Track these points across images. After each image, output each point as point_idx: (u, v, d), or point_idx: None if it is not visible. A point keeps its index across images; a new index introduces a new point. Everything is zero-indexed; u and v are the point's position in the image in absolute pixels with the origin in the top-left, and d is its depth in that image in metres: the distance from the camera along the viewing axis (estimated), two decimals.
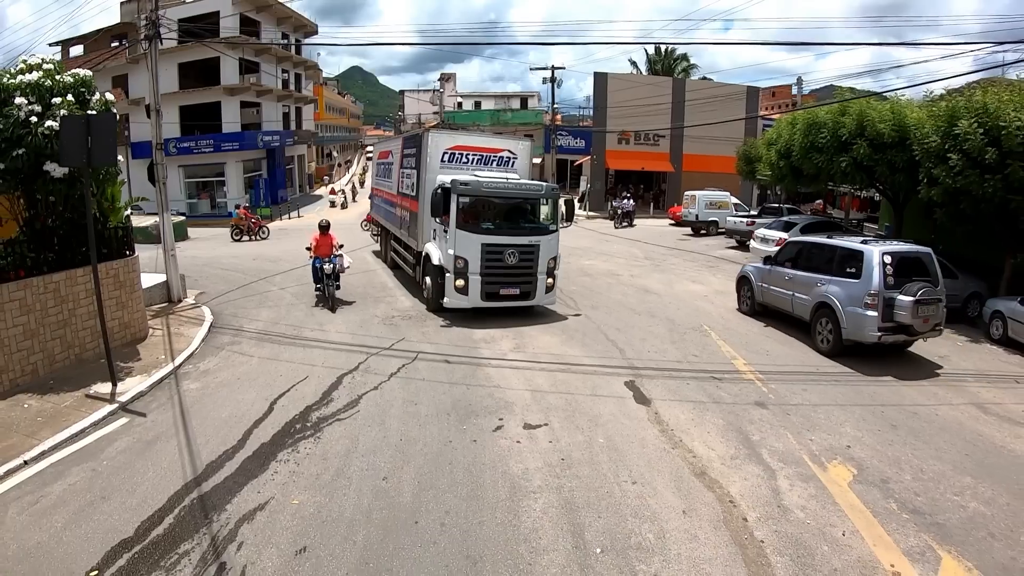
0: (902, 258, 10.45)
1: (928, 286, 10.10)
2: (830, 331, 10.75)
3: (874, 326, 9.99)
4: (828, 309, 10.81)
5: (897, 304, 9.93)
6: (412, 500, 5.39)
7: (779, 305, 12.52)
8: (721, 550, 4.86)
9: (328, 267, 12.72)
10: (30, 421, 7.14)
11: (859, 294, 10.22)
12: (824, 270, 11.28)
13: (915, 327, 10.02)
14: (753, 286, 13.42)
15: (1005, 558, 5.11)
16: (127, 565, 4.59)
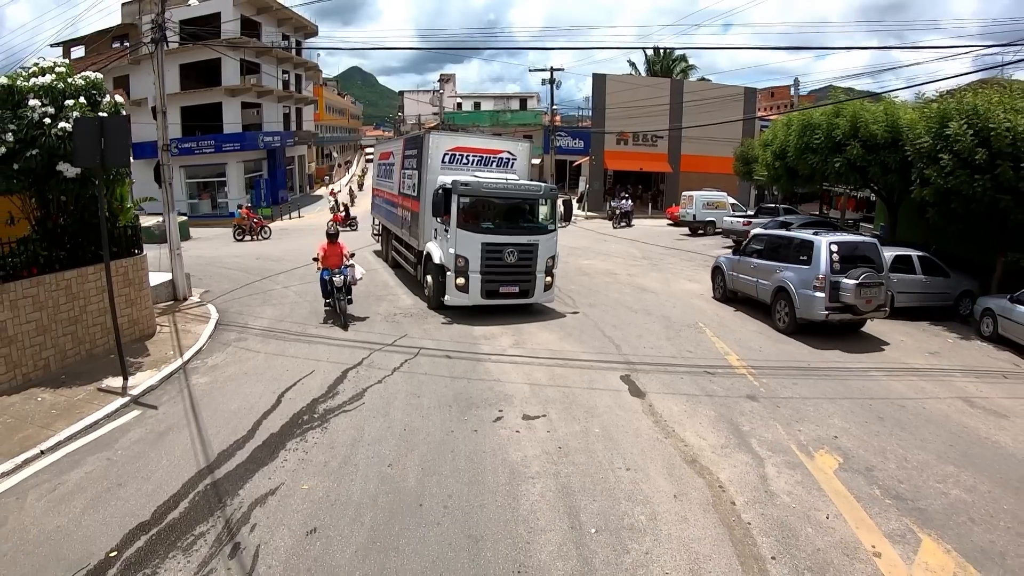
0: (848, 247, 11.85)
1: (871, 271, 11.38)
2: (787, 312, 12.12)
3: (822, 306, 11.31)
4: (785, 292, 12.15)
5: (842, 287, 11.23)
6: (416, 485, 5.65)
7: (746, 291, 13.86)
8: (709, 531, 5.12)
9: (338, 280, 11.39)
10: (44, 413, 7.38)
11: (810, 278, 11.58)
12: (782, 259, 12.65)
13: (859, 307, 11.29)
14: (725, 275, 14.69)
15: (984, 541, 5.36)
16: (145, 546, 4.84)
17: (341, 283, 11.44)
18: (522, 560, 4.65)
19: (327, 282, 11.66)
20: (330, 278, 11.52)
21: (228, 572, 4.47)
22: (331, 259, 11.73)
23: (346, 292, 11.63)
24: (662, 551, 4.82)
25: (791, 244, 12.65)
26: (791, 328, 12.01)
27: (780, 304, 12.34)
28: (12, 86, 8.49)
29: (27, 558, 4.74)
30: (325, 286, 11.81)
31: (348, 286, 11.71)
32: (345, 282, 11.53)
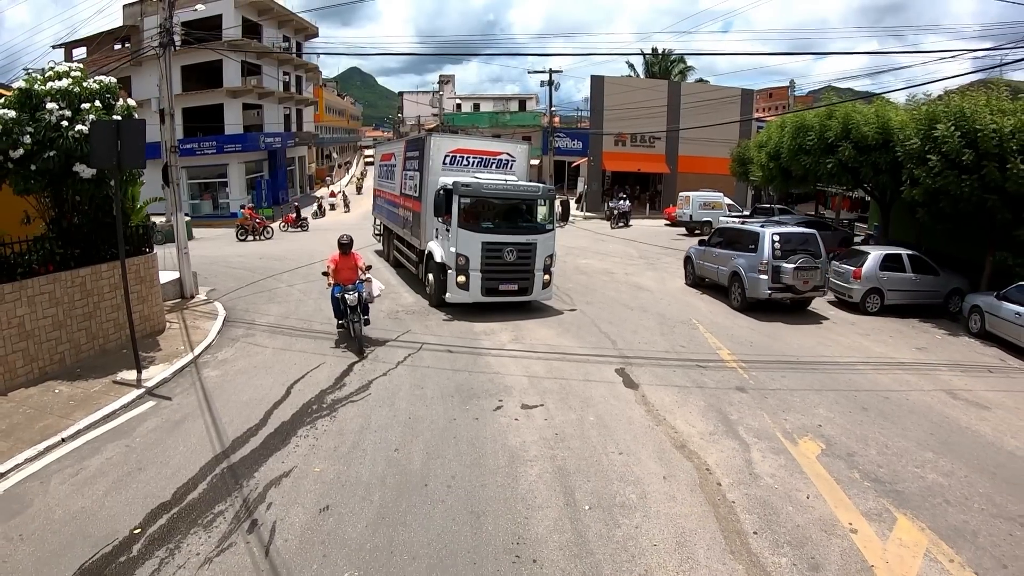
0: (789, 237, 13.84)
1: (808, 257, 13.44)
2: (740, 292, 14.08)
3: (765, 287, 13.35)
4: (738, 276, 14.14)
5: (782, 270, 13.29)
6: (421, 467, 6.00)
7: (710, 276, 15.83)
8: (696, 508, 5.48)
9: (352, 297, 9.84)
10: (63, 404, 7.71)
11: (756, 264, 13.55)
12: (737, 248, 14.59)
13: (797, 287, 13.37)
14: (694, 263, 16.68)
15: (957, 521, 5.70)
16: (168, 523, 5.17)
17: (355, 301, 9.87)
18: (520, 533, 5.00)
19: (339, 300, 10.11)
20: (342, 295, 9.96)
21: (247, 545, 4.80)
22: (343, 273, 10.20)
23: (362, 311, 10.13)
24: (651, 526, 5.17)
25: (743, 235, 14.64)
26: (743, 306, 13.97)
27: (735, 286, 14.32)
28: (30, 90, 8.80)
29: (54, 536, 5.06)
30: (337, 305, 10.27)
31: (364, 304, 10.21)
32: (361, 300, 10.00)
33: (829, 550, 5.00)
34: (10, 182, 8.96)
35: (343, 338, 10.52)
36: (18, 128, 8.50)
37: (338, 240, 10.52)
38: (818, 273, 13.55)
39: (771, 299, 13.45)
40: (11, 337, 8.18)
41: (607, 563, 4.68)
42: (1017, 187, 12.45)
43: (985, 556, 5.14)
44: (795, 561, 4.82)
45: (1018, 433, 7.95)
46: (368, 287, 10.34)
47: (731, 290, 14.46)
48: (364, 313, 10.24)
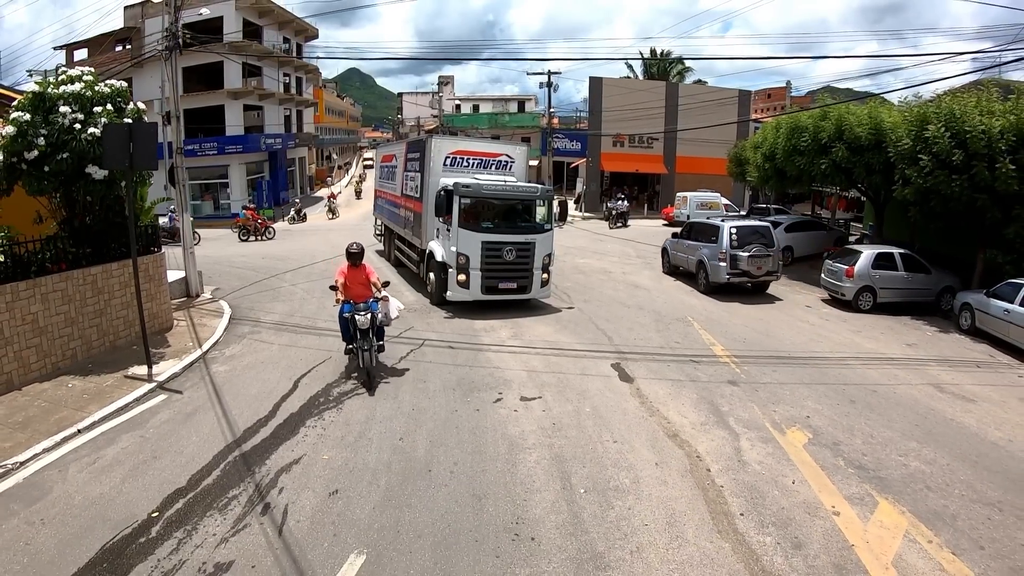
0: (746, 230, 15.91)
1: (761, 247, 15.54)
2: (704, 277, 16.10)
3: (724, 272, 15.44)
4: (702, 264, 16.20)
5: (738, 258, 15.34)
6: (425, 455, 6.28)
7: (682, 264, 17.85)
8: (686, 492, 5.76)
9: (363, 319, 8.24)
10: (76, 398, 7.98)
11: (717, 253, 15.60)
12: (702, 239, 16.61)
13: (752, 272, 15.45)
14: (669, 254, 18.78)
15: (937, 505, 5.98)
16: (184, 507, 5.44)
17: (367, 324, 8.31)
18: (519, 514, 5.29)
19: (348, 321, 8.52)
20: (352, 316, 8.39)
21: (261, 526, 5.08)
22: (354, 288, 8.73)
23: (377, 336, 8.62)
24: (643, 507, 5.46)
25: (707, 228, 16.76)
26: (708, 289, 16.01)
27: (701, 273, 16.33)
28: (43, 93, 9.08)
29: (75, 520, 5.33)
30: (346, 327, 8.62)
31: (379, 328, 8.72)
32: (374, 323, 8.47)
33: (812, 530, 5.28)
34: (23, 183, 9.24)
35: (352, 370, 9.03)
36: (32, 130, 8.79)
37: (346, 249, 8.87)
38: (770, 260, 15.64)
39: (730, 283, 15.51)
40: (25, 333, 8.45)
41: (601, 541, 4.96)
42: (1006, 186, 12.71)
43: (963, 538, 5.41)
44: (779, 540, 5.10)
45: (1002, 425, 8.22)
46: (384, 307, 8.76)
47: (698, 276, 16.57)
48: (378, 338, 8.70)
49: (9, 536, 5.07)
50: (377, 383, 8.40)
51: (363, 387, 8.34)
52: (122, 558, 4.74)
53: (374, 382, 8.38)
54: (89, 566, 4.67)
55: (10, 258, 8.39)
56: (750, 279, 15.62)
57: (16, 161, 8.99)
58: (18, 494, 5.75)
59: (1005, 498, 6.18)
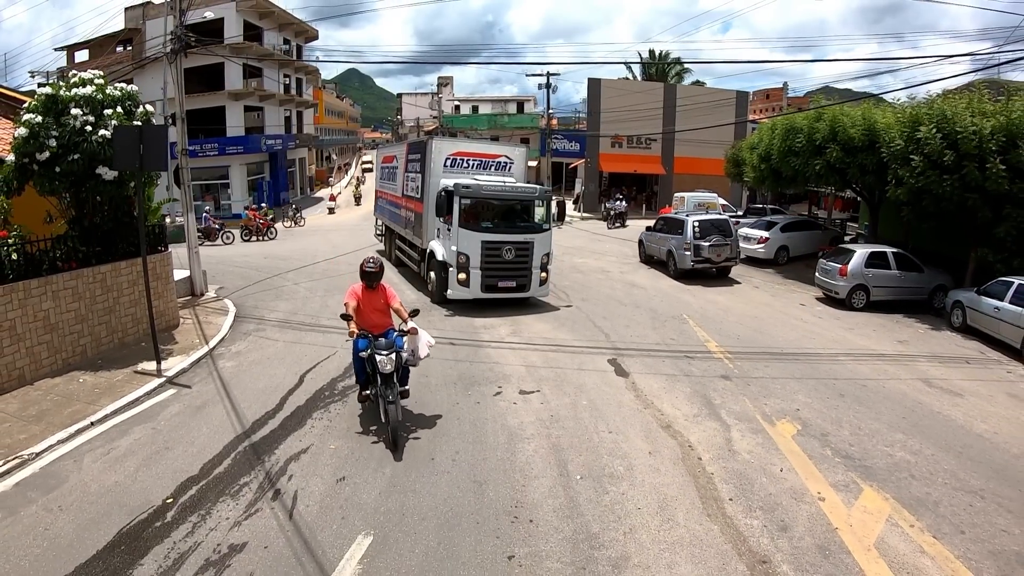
0: (707, 223, 18.20)
1: (720, 237, 17.88)
2: (673, 265, 18.47)
3: (689, 260, 17.73)
4: (671, 253, 18.55)
5: (701, 247, 17.67)
6: (428, 444, 6.53)
7: (655, 254, 20.06)
8: (677, 479, 6.02)
9: (385, 359, 6.43)
10: (88, 392, 8.22)
11: (683, 243, 17.88)
12: (671, 232, 18.86)
13: (712, 259, 17.82)
14: (644, 245, 20.97)
15: (920, 493, 6.22)
16: (197, 494, 5.68)
17: (391, 366, 6.42)
18: (518, 498, 5.54)
19: (365, 361, 6.83)
20: (370, 354, 6.63)
21: (272, 510, 5.32)
22: (370, 317, 7.03)
23: (400, 381, 6.75)
24: (636, 493, 5.71)
25: (675, 222, 18.93)
26: (676, 275, 18.28)
27: (670, 260, 18.66)
28: (55, 96, 9.32)
29: (92, 506, 5.56)
30: (362, 368, 6.97)
31: (405, 368, 6.91)
32: (399, 364, 6.63)
33: (797, 514, 5.53)
34: (35, 183, 9.48)
35: (370, 414, 7.32)
36: (44, 132, 9.03)
37: (361, 267, 7.06)
38: (728, 248, 18.02)
39: (695, 269, 17.77)
40: (36, 329, 8.68)
41: (595, 523, 5.21)
42: (996, 186, 12.96)
43: (944, 523, 5.66)
44: (766, 523, 5.34)
45: (988, 418, 8.46)
46: (412, 342, 6.76)
47: (668, 263, 18.83)
48: (402, 382, 6.76)
49: (28, 522, 5.29)
50: (404, 443, 6.49)
51: (386, 447, 6.50)
52: (139, 541, 4.98)
53: (400, 442, 6.38)
54: (108, 548, 4.90)
55: (23, 256, 8.63)
56: (712, 265, 18.01)
57: (28, 162, 9.23)
58: (35, 483, 5.98)
59: (988, 486, 6.42)
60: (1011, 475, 6.73)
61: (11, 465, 6.32)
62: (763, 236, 21.18)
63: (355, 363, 7.07)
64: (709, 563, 4.75)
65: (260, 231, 27.39)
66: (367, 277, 7.04)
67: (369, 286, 7.07)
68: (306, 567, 4.55)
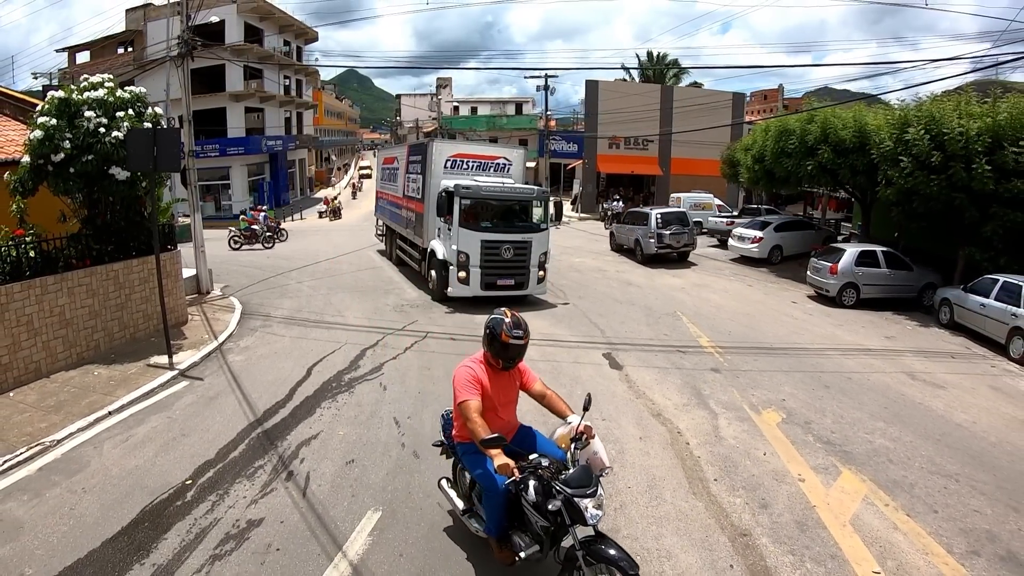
0: (668, 215, 21.41)
1: (679, 226, 21.00)
2: (640, 251, 21.25)
3: (654, 246, 20.63)
4: (639, 241, 21.37)
5: (663, 235, 20.58)
6: (431, 431, 6.87)
7: (624, 243, 23.09)
8: (666, 461, 6.39)
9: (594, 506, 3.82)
10: (104, 384, 8.57)
11: (648, 232, 20.75)
12: (638, 223, 21.85)
13: (673, 245, 20.80)
14: (614, 236, 24.17)
15: (897, 475, 6.58)
16: (215, 475, 6.04)
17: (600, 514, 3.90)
18: None
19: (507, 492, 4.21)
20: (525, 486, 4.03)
21: (287, 490, 5.68)
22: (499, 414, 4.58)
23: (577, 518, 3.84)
24: (626, 473, 6.08)
25: (641, 215, 22.04)
26: (643, 260, 21.07)
27: (637, 247, 21.49)
28: (68, 99, 9.67)
29: (114, 488, 5.90)
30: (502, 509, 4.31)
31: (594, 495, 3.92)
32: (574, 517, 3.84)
33: (778, 494, 5.90)
34: (49, 184, 9.81)
35: None
36: (58, 134, 9.37)
37: (494, 333, 4.42)
38: (686, 236, 21.09)
39: (659, 253, 20.62)
40: (52, 324, 9.04)
41: None
42: (982, 186, 13.32)
43: (918, 503, 6.02)
44: (747, 501, 5.71)
45: (969, 409, 8.83)
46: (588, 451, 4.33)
47: (635, 250, 21.67)
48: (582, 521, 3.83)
49: (54, 503, 5.63)
50: None
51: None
52: (162, 518, 5.33)
53: None
54: (132, 525, 5.24)
55: (39, 254, 8.98)
56: (673, 250, 20.93)
57: (43, 163, 9.56)
58: (58, 467, 6.32)
59: (963, 471, 6.78)
60: (987, 461, 7.09)
61: (34, 451, 6.67)
62: (757, 236, 21.55)
63: (489, 504, 4.36)
64: (693, 535, 5.12)
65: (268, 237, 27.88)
66: (506, 353, 4.37)
67: (501, 361, 4.41)
68: (320, 538, 4.91)
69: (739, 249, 22.08)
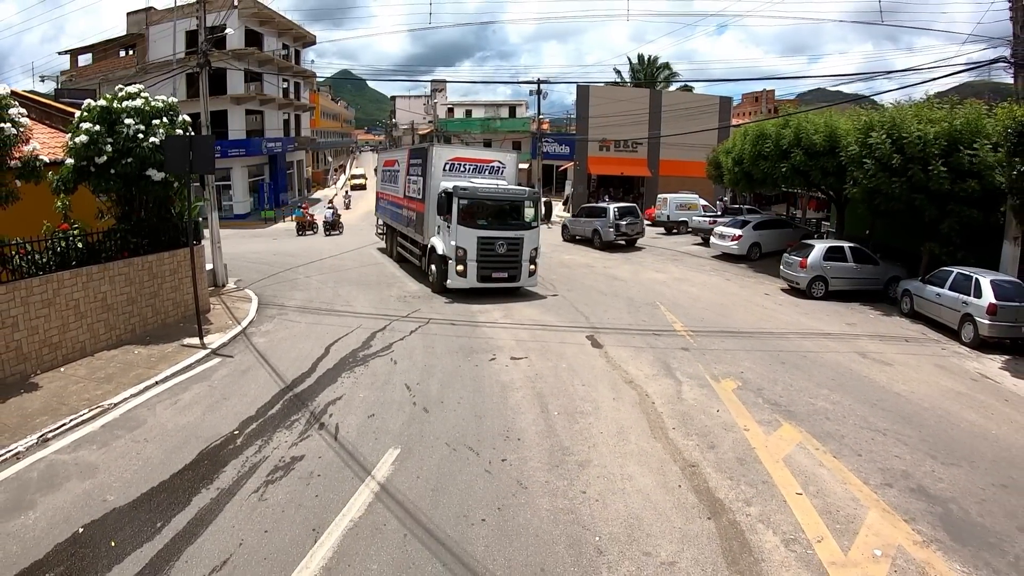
0: (623, 209, 25.37)
1: (632, 218, 24.94)
2: (599, 239, 24.89)
3: (613, 235, 24.41)
4: (596, 231, 25.17)
5: (620, 225, 24.37)
6: (438, 392, 8.13)
7: (578, 234, 26.68)
8: (634, 415, 7.67)
9: None
10: (145, 360, 9.72)
11: (607, 223, 24.54)
12: (596, 216, 25.68)
13: (628, 233, 24.76)
14: (568, 228, 27.63)
15: (831, 429, 7.79)
16: (257, 427, 7.23)
17: None
18: (509, 426, 7.17)
19: None
20: None
21: (320, 435, 6.89)
22: None
23: None
24: (600, 423, 7.35)
25: (598, 210, 26.18)
26: (600, 247, 24.70)
27: (595, 237, 25.25)
28: (109, 107, 10.82)
29: (172, 438, 7.05)
30: None
31: None
32: None
33: (724, 439, 7.15)
34: (91, 183, 10.94)
35: None
36: (101, 139, 10.52)
37: None
38: (637, 225, 25.16)
39: (615, 241, 24.57)
40: (96, 309, 10.18)
41: (567, 441, 6.84)
42: (938, 186, 14.55)
43: (845, 449, 7.24)
44: (698, 444, 6.97)
45: (909, 382, 10.03)
46: None
47: (593, 239, 25.43)
48: None
49: (121, 450, 6.79)
50: None
51: None
52: (218, 458, 6.51)
53: None
54: (193, 463, 6.42)
55: (85, 246, 10.14)
56: (627, 238, 24.97)
57: (85, 164, 10.70)
58: (119, 424, 7.47)
59: (892, 428, 7.97)
60: (916, 421, 8.27)
61: (95, 412, 7.83)
62: (736, 234, 22.78)
63: None
64: (651, 465, 6.38)
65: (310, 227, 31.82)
66: None
67: None
68: (352, 468, 6.13)
69: (720, 246, 23.32)
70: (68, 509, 5.55)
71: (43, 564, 4.81)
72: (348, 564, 4.71)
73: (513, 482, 5.93)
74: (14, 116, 9.08)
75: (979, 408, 9.00)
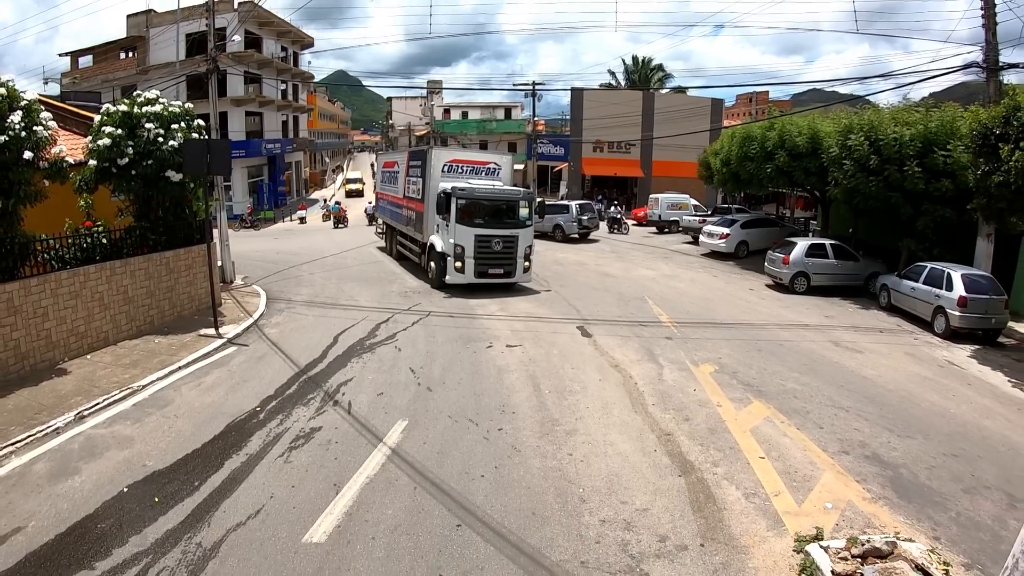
0: (583, 206, 28.78)
1: (592, 213, 28.77)
2: (561, 233, 27.75)
3: (575, 229, 27.70)
4: (559, 226, 28.03)
5: (581, 220, 27.67)
6: (440, 374, 8.90)
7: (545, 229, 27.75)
8: (618, 393, 8.48)
9: None
10: (166, 348, 10.45)
11: (570, 219, 27.78)
12: (558, 212, 28.51)
13: (589, 227, 28.22)
14: None
15: (797, 406, 8.55)
16: (277, 405, 7.98)
17: None
18: (504, 403, 7.96)
19: None
20: None
21: (335, 411, 7.66)
22: None
23: None
24: (586, 400, 8.16)
25: (561, 207, 29.12)
26: (562, 240, 27.55)
27: (557, 231, 28.09)
28: (130, 112, 11.54)
29: (200, 414, 7.75)
30: None
31: None
32: None
33: (699, 413, 7.95)
34: (113, 184, 11.66)
35: None
36: (123, 142, 11.24)
37: None
38: (595, 220, 28.77)
39: (577, 235, 27.53)
40: (118, 301, 10.91)
41: (557, 413, 7.65)
42: (913, 185, 15.35)
43: (809, 422, 8.01)
44: (674, 417, 7.77)
45: (878, 367, 10.78)
46: None
47: (555, 233, 28.00)
48: None
49: (154, 425, 7.50)
50: None
51: None
52: (243, 430, 7.26)
53: None
54: (221, 435, 7.16)
55: (109, 242, 10.87)
56: (587, 231, 28.12)
57: (107, 166, 11.42)
58: (149, 403, 8.19)
59: (855, 406, 8.71)
60: (879, 400, 9.01)
61: (125, 394, 8.54)
62: (724, 232, 23.61)
63: None
64: (631, 434, 7.17)
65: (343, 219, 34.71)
66: None
67: None
68: (366, 436, 6.90)
69: (709, 245, 24.14)
70: (111, 473, 6.26)
71: (95, 516, 5.53)
72: (367, 510, 5.48)
73: (508, 447, 6.71)
74: (44, 120, 9.80)
75: (942, 390, 9.75)
